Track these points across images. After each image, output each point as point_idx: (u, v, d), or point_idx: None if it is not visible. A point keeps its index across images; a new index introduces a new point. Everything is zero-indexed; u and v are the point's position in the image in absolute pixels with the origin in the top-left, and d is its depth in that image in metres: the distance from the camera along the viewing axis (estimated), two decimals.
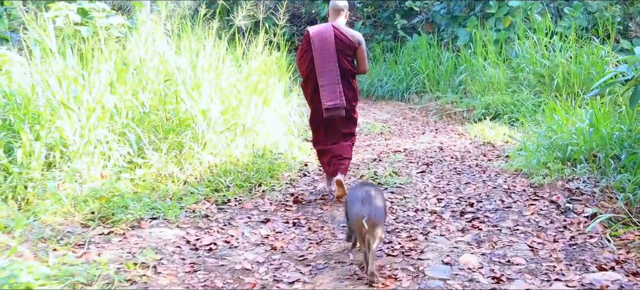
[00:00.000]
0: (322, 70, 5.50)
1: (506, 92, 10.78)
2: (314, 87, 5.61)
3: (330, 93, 5.48)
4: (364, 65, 5.73)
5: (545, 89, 10.62)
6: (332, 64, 5.49)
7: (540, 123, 8.68)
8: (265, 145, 6.94)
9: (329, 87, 5.49)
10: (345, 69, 5.58)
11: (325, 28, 5.62)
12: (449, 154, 7.77)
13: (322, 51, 5.49)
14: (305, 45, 5.63)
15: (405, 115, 11.80)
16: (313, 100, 5.70)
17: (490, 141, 8.51)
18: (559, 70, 10.47)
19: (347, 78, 5.63)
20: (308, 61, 5.59)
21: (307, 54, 5.60)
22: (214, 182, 5.92)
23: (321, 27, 5.66)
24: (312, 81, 5.61)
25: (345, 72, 5.58)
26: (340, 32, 5.58)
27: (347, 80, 5.63)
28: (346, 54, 5.58)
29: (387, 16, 16.17)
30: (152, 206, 5.18)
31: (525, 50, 11.58)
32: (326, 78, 5.50)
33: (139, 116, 6.45)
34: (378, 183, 6.13)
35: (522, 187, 5.96)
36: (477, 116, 10.47)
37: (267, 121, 7.34)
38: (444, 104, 11.83)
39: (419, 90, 13.43)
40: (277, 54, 8.67)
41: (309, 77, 5.64)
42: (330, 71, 5.49)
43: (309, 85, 5.69)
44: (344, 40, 5.56)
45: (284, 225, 5.06)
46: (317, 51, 5.50)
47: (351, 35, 5.62)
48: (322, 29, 5.62)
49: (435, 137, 9.14)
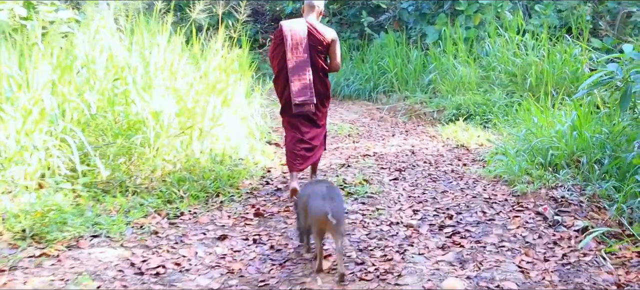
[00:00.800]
0: (293, 66, 5.42)
1: (478, 92, 10.34)
2: (285, 82, 5.51)
3: (300, 89, 5.42)
4: (336, 62, 5.63)
5: (517, 88, 10.22)
6: (304, 60, 5.42)
7: (517, 125, 8.25)
8: (224, 149, 6.33)
9: (300, 83, 5.42)
10: (318, 65, 5.51)
11: (298, 23, 5.50)
12: (422, 158, 7.27)
13: (294, 46, 5.41)
14: (278, 39, 5.51)
15: (373, 116, 11.28)
16: (283, 95, 5.58)
17: (464, 144, 8.04)
18: (532, 69, 10.09)
19: (319, 74, 5.54)
20: (280, 56, 5.49)
21: (280, 49, 5.50)
22: (167, 192, 5.30)
23: (294, 22, 5.52)
24: (283, 76, 5.51)
25: (317, 69, 5.50)
26: (313, 28, 5.47)
27: (319, 76, 5.55)
28: (319, 50, 5.50)
29: (353, 13, 15.65)
30: (95, 221, 4.56)
31: (497, 48, 11.18)
32: (297, 74, 5.41)
33: (85, 119, 5.81)
34: (347, 192, 5.58)
35: (504, 196, 5.48)
36: (448, 117, 10.00)
37: (227, 123, 6.73)
38: (413, 104, 11.34)
39: (386, 89, 12.91)
40: (238, 51, 8.05)
41: (281, 72, 5.53)
42: (302, 67, 5.42)
43: (280, 81, 5.57)
44: (317, 36, 5.46)
45: (243, 242, 4.47)
46: (290, 46, 5.40)
47: (324, 32, 5.51)
48: (296, 24, 5.50)
49: (406, 139, 8.63)
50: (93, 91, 5.98)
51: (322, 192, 3.79)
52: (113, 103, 5.90)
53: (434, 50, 12.19)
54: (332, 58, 5.62)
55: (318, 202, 3.73)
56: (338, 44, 5.61)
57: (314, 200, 3.78)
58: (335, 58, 5.61)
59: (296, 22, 5.53)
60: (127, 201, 5.04)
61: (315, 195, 3.81)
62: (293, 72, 5.42)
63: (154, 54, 6.42)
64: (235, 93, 7.39)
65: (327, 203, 3.67)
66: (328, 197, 3.74)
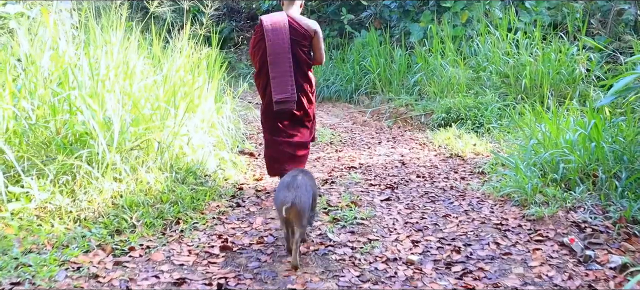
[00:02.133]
0: (274, 61, 5.13)
1: (468, 94, 9.49)
2: (266, 79, 5.24)
3: (281, 85, 5.14)
4: (320, 55, 5.38)
5: (510, 90, 9.41)
6: (286, 55, 5.12)
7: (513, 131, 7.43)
8: (187, 164, 5.37)
9: (281, 79, 5.14)
10: (301, 59, 5.24)
11: (279, 17, 5.20)
12: (414, 171, 6.37)
13: (275, 41, 5.12)
14: (259, 35, 5.22)
15: (355, 120, 10.39)
16: (265, 93, 5.30)
17: (458, 153, 7.16)
18: (526, 70, 9.27)
19: (303, 69, 5.28)
20: (261, 52, 5.20)
21: (261, 44, 5.21)
22: (116, 219, 4.34)
23: (275, 16, 5.23)
24: (265, 73, 5.23)
25: (300, 63, 5.24)
26: (295, 21, 5.21)
27: (303, 71, 5.28)
28: (301, 44, 5.23)
29: (332, 10, 14.73)
30: (20, 262, 3.60)
31: (487, 47, 10.34)
32: (278, 69, 5.13)
33: (23, 130, 4.85)
34: (333, 218, 4.65)
35: (517, 221, 4.59)
36: (436, 121, 9.15)
37: (192, 133, 5.78)
38: (398, 107, 10.46)
39: (369, 91, 12.01)
40: (207, 50, 7.10)
41: (262, 68, 5.25)
42: (283, 62, 5.13)
43: (262, 78, 5.30)
44: (299, 30, 5.20)
45: (205, 288, 3.53)
46: (271, 41, 5.11)
47: (306, 25, 5.24)
48: (276, 18, 5.20)
49: (394, 147, 7.73)
50: (34, 97, 5.03)
51: (286, 182, 3.80)
52: (55, 111, 4.92)
53: (419, 49, 11.32)
54: (315, 51, 5.36)
55: (281, 192, 3.74)
56: (321, 36, 5.31)
57: (278, 190, 3.81)
58: (319, 51, 5.35)
59: (276, 16, 5.21)
60: (67, 232, 4.09)
61: (280, 185, 3.86)
62: (274, 67, 5.13)
63: (105, 53, 5.45)
64: (203, 97, 6.44)
65: (290, 193, 3.66)
66: (292, 186, 3.72)
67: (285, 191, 3.71)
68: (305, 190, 3.77)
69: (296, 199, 3.64)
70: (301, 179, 3.85)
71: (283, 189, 3.75)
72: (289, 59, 5.14)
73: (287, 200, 3.62)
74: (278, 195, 3.77)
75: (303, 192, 3.73)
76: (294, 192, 3.67)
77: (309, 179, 4.00)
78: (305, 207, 3.71)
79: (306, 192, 3.78)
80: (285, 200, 3.63)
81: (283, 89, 5.14)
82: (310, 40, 5.28)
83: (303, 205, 3.68)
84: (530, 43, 9.90)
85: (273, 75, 5.14)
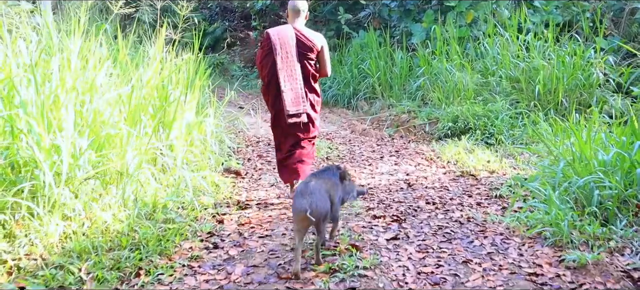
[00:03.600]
0: (284, 75, 5.07)
1: (476, 101, 8.60)
2: (275, 92, 5.15)
3: (293, 99, 5.10)
4: (326, 68, 5.36)
5: (522, 97, 8.52)
6: (294, 68, 5.10)
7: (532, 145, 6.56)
8: (155, 196, 4.45)
9: (292, 92, 5.10)
10: (308, 72, 5.20)
11: (285, 30, 5.16)
12: (423, 195, 5.47)
13: (284, 55, 5.07)
14: (266, 48, 5.15)
15: (354, 128, 9.49)
16: (275, 105, 5.21)
17: (470, 171, 6.27)
18: (540, 74, 8.38)
19: (310, 82, 5.25)
20: (269, 65, 5.11)
21: (269, 58, 5.12)
22: (59, 272, 3.44)
23: (281, 29, 5.19)
24: (273, 86, 5.15)
25: (307, 76, 5.21)
26: (302, 34, 5.15)
27: (310, 84, 5.26)
28: (309, 57, 5.18)
29: (329, 10, 13.81)
30: None
31: (496, 50, 9.45)
32: (289, 83, 5.09)
33: None
34: (330, 267, 3.72)
35: (553, 268, 3.69)
36: (442, 131, 8.26)
37: (166, 155, 4.88)
38: (399, 114, 9.57)
39: (368, 96, 11.10)
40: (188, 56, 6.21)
41: (271, 81, 5.16)
42: (292, 75, 5.10)
43: (271, 90, 5.20)
44: (307, 43, 5.14)
45: None
46: (279, 55, 5.06)
47: (313, 38, 5.19)
48: (283, 31, 5.16)
49: (398, 163, 6.83)
50: None
51: (300, 190, 3.69)
52: None
53: (422, 51, 10.41)
54: (321, 65, 5.32)
55: (297, 200, 3.62)
56: (327, 50, 5.29)
57: (295, 198, 3.67)
58: (325, 65, 5.32)
59: (283, 29, 5.16)
60: None
61: (296, 194, 3.70)
62: (285, 81, 5.07)
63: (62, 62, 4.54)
64: (180, 111, 5.54)
65: (305, 200, 3.56)
66: (306, 193, 3.62)
67: (300, 199, 3.60)
68: (320, 195, 3.67)
69: (312, 205, 3.54)
70: (314, 184, 3.74)
71: (298, 197, 3.63)
72: (299, 72, 5.10)
73: (304, 208, 3.52)
74: (295, 204, 3.64)
75: (318, 198, 3.63)
76: (308, 198, 3.58)
77: (323, 182, 3.85)
78: (322, 211, 3.62)
79: (321, 196, 3.68)
80: (302, 208, 3.52)
81: (295, 102, 5.08)
82: (317, 53, 5.21)
83: (320, 210, 3.58)
84: (542, 45, 9.01)
85: (284, 89, 5.05)
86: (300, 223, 3.58)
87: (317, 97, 5.36)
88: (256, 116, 10.27)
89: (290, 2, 5.30)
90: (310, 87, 5.26)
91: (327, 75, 5.46)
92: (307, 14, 5.34)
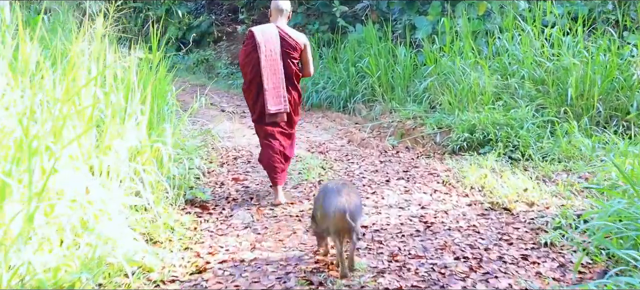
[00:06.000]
0: (267, 74, 4.96)
1: (495, 107, 7.10)
2: (257, 90, 5.02)
3: (274, 97, 4.99)
4: (309, 68, 5.26)
5: (549, 101, 7.02)
6: (277, 67, 5.00)
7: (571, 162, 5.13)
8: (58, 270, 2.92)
9: (274, 91, 4.99)
10: (291, 72, 5.09)
11: (269, 28, 5.05)
12: (448, 244, 3.95)
13: (267, 53, 4.96)
14: (250, 46, 5.01)
15: (351, 137, 7.98)
16: (257, 104, 5.06)
17: (502, 203, 4.77)
18: (573, 76, 6.89)
19: (292, 81, 5.12)
20: (253, 63, 4.98)
21: (252, 56, 4.98)
22: None
23: (265, 28, 5.08)
24: (256, 84, 5.02)
25: (290, 75, 5.09)
26: (285, 33, 5.05)
27: (292, 82, 5.13)
28: (292, 56, 5.07)
29: (322, 2, 12.25)
30: None
31: (515, 46, 7.95)
32: (271, 81, 4.98)
33: None
34: None
35: None
36: (457, 142, 6.76)
37: (93, 192, 3.36)
38: (404, 120, 8.04)
39: (367, 98, 9.53)
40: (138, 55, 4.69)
41: (253, 80, 5.02)
42: (275, 74, 5.00)
43: (253, 89, 5.06)
44: (290, 42, 5.05)
45: None
46: (263, 53, 4.94)
47: (296, 37, 5.10)
48: (267, 29, 5.05)
49: (408, 190, 5.28)
50: None
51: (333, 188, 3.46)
52: None
53: (428, 47, 8.89)
54: (304, 64, 5.24)
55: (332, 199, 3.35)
56: (310, 49, 5.23)
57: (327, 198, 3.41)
58: (308, 64, 5.23)
59: (267, 27, 5.09)
60: None
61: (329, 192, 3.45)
62: (268, 80, 4.98)
63: None
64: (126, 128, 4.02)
65: (344, 200, 3.32)
66: (344, 193, 3.37)
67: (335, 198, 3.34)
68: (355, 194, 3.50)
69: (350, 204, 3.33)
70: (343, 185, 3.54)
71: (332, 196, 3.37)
72: (281, 71, 5.01)
73: (342, 208, 3.28)
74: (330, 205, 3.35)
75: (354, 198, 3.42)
76: (345, 197, 3.34)
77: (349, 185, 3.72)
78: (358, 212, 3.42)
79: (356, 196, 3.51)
80: (340, 208, 3.28)
81: (276, 100, 5.00)
82: (300, 52, 5.13)
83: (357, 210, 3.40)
84: (572, 40, 7.52)
85: (267, 88, 4.97)
86: (338, 224, 3.30)
87: (298, 95, 5.25)
88: (238, 121, 8.78)
89: (273, 1, 5.18)
90: (293, 85, 5.14)
91: (310, 75, 5.37)
92: (289, 14, 5.24)
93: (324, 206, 3.41)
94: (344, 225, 3.28)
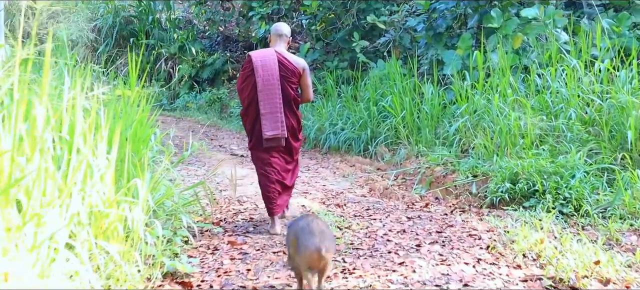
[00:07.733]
0: (264, 98, 4.87)
1: (540, 152, 6.03)
2: (255, 115, 4.94)
3: (272, 122, 4.87)
4: (308, 93, 5.15)
5: (604, 146, 5.93)
6: (275, 91, 4.89)
7: None
8: None
9: (271, 116, 4.87)
10: (290, 97, 4.98)
11: (268, 53, 4.99)
12: None
13: (265, 77, 4.87)
14: (248, 70, 4.96)
15: (373, 186, 6.92)
16: (254, 130, 4.98)
17: (568, 280, 3.65)
18: (632, 116, 5.80)
19: (291, 106, 5.02)
20: (250, 88, 4.93)
21: (250, 80, 4.94)
22: None
23: (263, 52, 5.03)
24: (253, 109, 4.94)
25: (289, 100, 4.99)
26: (283, 58, 4.96)
27: (291, 108, 5.03)
28: (290, 80, 4.97)
29: (342, 37, 11.32)
30: None
31: (561, 82, 6.90)
32: (268, 106, 4.87)
33: None
34: None
35: None
36: (496, 194, 5.68)
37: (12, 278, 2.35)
38: (432, 166, 6.98)
39: (390, 140, 8.48)
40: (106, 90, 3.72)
41: (251, 105, 4.95)
42: (273, 99, 4.88)
43: (250, 114, 4.98)
44: (288, 66, 4.95)
45: None
46: (260, 77, 4.87)
47: (295, 61, 5.02)
48: (265, 53, 4.99)
49: (445, 259, 4.13)
50: None
51: (306, 227, 3.29)
52: None
53: (458, 83, 7.85)
54: (303, 89, 5.12)
55: (307, 237, 3.23)
56: (309, 74, 5.10)
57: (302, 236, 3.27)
58: (307, 89, 5.09)
59: (265, 52, 5.00)
60: None
61: (301, 230, 3.30)
62: (264, 104, 4.85)
63: None
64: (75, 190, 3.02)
65: (317, 240, 3.20)
66: (317, 231, 3.25)
67: (311, 237, 3.21)
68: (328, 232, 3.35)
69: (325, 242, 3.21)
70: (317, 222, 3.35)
71: (307, 235, 3.23)
72: (279, 96, 4.89)
73: (318, 246, 3.16)
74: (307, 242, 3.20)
75: (328, 236, 3.30)
76: (320, 236, 3.22)
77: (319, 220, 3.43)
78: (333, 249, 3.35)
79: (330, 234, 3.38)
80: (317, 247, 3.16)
81: (273, 125, 4.87)
82: (299, 77, 5.02)
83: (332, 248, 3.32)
84: (627, 75, 6.45)
85: (263, 112, 4.86)
86: (313, 263, 3.21)
87: (298, 124, 5.15)
88: (247, 166, 7.79)
89: (274, 26, 5.19)
90: (292, 112, 5.05)
91: (309, 100, 5.27)
92: (289, 40, 5.18)
93: (300, 249, 3.26)
94: (321, 261, 3.21)
